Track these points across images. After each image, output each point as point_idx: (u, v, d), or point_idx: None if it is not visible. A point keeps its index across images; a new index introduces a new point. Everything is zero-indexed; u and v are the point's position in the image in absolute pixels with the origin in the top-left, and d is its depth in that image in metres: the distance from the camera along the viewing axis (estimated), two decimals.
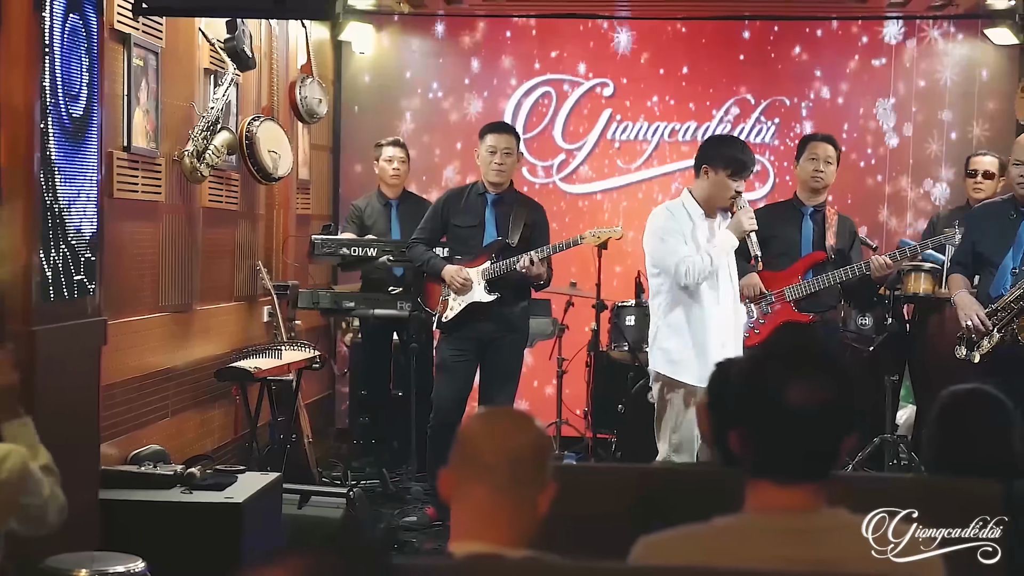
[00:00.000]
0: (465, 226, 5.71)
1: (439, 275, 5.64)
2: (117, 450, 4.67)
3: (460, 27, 7.91)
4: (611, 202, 7.93)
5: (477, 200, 5.74)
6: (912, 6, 7.36)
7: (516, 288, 5.69)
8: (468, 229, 5.71)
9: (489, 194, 5.72)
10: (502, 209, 5.71)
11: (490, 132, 5.71)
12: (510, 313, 5.70)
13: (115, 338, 4.62)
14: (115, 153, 4.63)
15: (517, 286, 5.69)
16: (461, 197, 5.79)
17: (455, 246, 5.75)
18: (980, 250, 4.94)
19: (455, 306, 5.64)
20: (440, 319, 5.67)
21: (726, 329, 4.81)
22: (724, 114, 7.83)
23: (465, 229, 5.71)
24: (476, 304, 5.62)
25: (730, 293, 4.89)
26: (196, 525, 4.15)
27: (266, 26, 6.36)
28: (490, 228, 5.71)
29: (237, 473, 4.55)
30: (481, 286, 5.61)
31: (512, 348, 5.75)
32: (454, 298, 5.64)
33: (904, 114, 7.68)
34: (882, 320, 6.26)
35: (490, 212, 5.73)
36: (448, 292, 5.65)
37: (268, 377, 5.75)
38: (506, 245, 5.63)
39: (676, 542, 2.04)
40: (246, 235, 6.29)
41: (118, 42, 4.63)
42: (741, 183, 4.74)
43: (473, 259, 5.67)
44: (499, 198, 5.72)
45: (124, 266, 4.77)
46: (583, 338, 6.92)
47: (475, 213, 5.71)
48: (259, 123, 6.10)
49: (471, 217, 5.71)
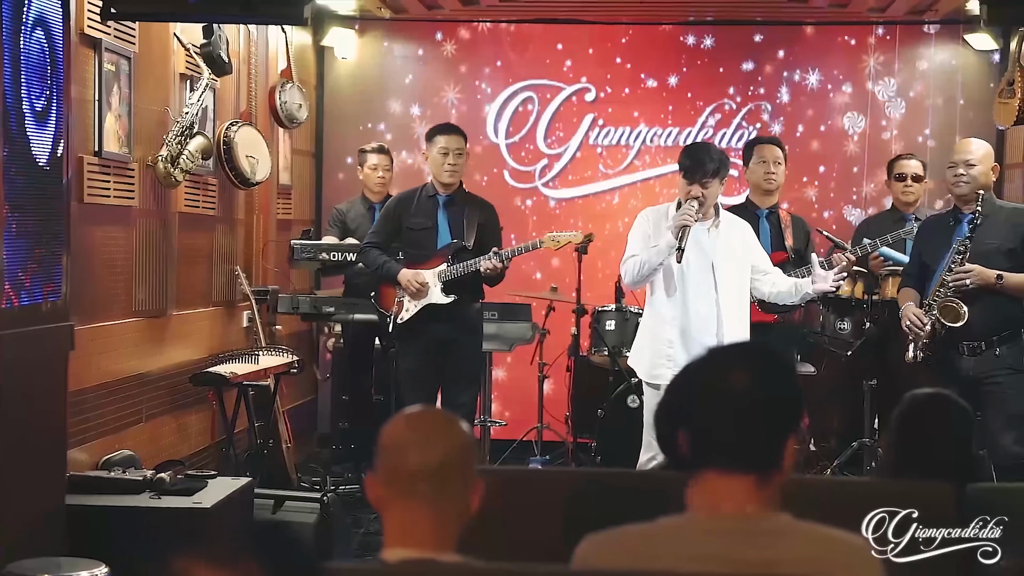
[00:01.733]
0: (418, 228, 5.72)
1: (395, 279, 5.64)
2: (88, 455, 4.67)
3: (441, 32, 7.92)
4: (593, 207, 7.93)
5: (428, 202, 5.75)
6: (892, 11, 7.36)
7: (471, 289, 5.71)
8: (422, 231, 5.71)
9: (440, 195, 5.73)
10: (454, 210, 5.73)
11: (440, 133, 5.71)
12: (466, 314, 5.71)
13: (86, 343, 4.63)
14: (85, 158, 4.62)
15: (471, 287, 5.71)
16: (412, 199, 5.79)
17: (409, 248, 5.75)
18: (925, 260, 5.03)
19: (411, 308, 5.64)
20: (395, 321, 5.66)
21: (690, 329, 4.81)
22: (706, 119, 7.84)
23: (419, 231, 5.72)
24: (432, 306, 5.63)
25: (705, 294, 4.86)
26: (164, 530, 4.13)
27: (244, 31, 6.36)
28: (443, 229, 5.71)
29: (208, 478, 4.53)
30: (437, 288, 5.62)
31: (471, 350, 5.75)
32: (409, 300, 5.64)
33: (885, 118, 7.69)
34: (861, 325, 6.26)
35: (442, 213, 5.73)
36: (403, 293, 5.66)
37: (244, 382, 5.74)
38: (462, 247, 5.64)
39: (621, 540, 2.05)
40: (224, 240, 6.28)
41: (88, 47, 4.62)
42: (695, 186, 4.73)
43: (428, 261, 5.66)
44: (450, 199, 5.73)
45: (95, 271, 4.77)
46: (565, 343, 6.92)
47: (428, 215, 5.72)
48: (237, 128, 6.10)
49: (424, 219, 5.71)
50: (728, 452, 2.00)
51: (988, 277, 4.74)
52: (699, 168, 4.74)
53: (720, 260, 4.87)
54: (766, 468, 2.00)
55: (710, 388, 2.02)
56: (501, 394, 7.75)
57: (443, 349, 5.69)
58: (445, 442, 1.94)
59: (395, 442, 1.94)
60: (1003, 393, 4.80)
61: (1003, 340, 4.81)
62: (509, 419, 7.55)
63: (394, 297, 5.69)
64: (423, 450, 1.92)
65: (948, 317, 4.73)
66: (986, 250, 4.82)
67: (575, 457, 6.77)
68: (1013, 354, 4.85)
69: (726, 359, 2.08)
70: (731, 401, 1.99)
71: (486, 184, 7.90)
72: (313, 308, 6.64)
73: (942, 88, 7.65)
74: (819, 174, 7.79)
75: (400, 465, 1.92)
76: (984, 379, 4.80)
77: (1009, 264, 4.82)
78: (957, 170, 4.88)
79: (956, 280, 4.74)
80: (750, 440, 1.99)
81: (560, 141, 7.93)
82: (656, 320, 4.91)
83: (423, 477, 1.90)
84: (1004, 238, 4.84)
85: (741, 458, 2.00)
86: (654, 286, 4.92)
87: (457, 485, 1.93)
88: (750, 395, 1.98)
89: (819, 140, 7.80)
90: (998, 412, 4.78)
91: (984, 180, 4.90)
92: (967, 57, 7.62)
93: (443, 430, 1.96)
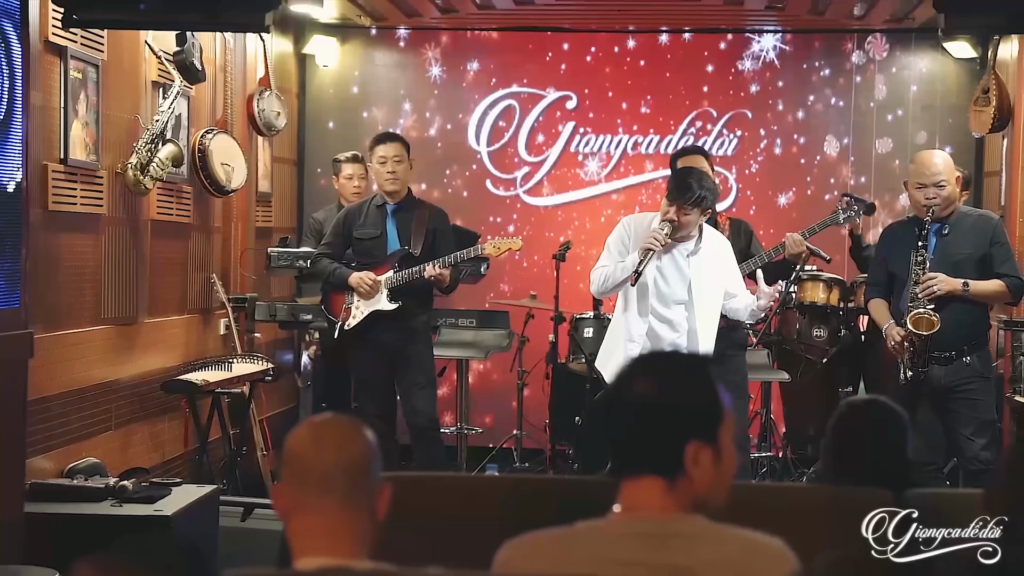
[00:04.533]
0: (367, 238, 5.73)
1: (345, 283, 5.64)
2: (53, 463, 4.66)
3: (423, 41, 7.93)
4: (574, 215, 7.93)
5: (377, 211, 5.76)
6: (870, 19, 7.36)
7: (418, 297, 5.71)
8: (371, 240, 5.72)
9: (389, 204, 5.74)
10: (403, 217, 5.73)
11: (378, 143, 5.75)
12: (413, 323, 5.71)
13: (51, 351, 4.63)
14: (50, 165, 4.62)
15: (419, 296, 5.71)
16: (361, 210, 5.81)
17: (359, 257, 5.75)
18: (891, 268, 5.04)
19: (358, 314, 5.65)
20: (342, 327, 5.67)
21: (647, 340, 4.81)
22: (687, 127, 7.84)
23: (367, 241, 5.73)
24: (378, 312, 5.63)
25: (677, 321, 4.83)
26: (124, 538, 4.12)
27: (220, 39, 6.37)
28: (392, 237, 5.71)
29: (172, 486, 4.53)
30: (384, 295, 5.63)
31: (421, 356, 5.75)
32: (356, 306, 5.65)
33: (864, 125, 7.69)
34: (836, 332, 6.26)
35: (391, 222, 5.74)
36: (351, 300, 5.66)
37: (217, 390, 5.74)
38: (408, 254, 5.65)
39: (540, 544, 2.08)
40: (200, 248, 6.29)
41: (54, 54, 4.62)
42: (672, 209, 4.69)
43: (376, 268, 5.67)
44: (399, 207, 5.74)
45: (60, 278, 4.76)
46: (544, 350, 6.92)
47: (376, 224, 5.73)
48: (212, 136, 6.11)
49: (372, 228, 5.73)
50: (632, 457, 2.04)
51: (954, 285, 4.77)
52: (681, 194, 4.69)
53: (699, 279, 4.84)
54: (671, 473, 2.01)
55: (617, 396, 2.07)
56: (481, 401, 7.74)
57: (392, 358, 5.70)
58: (351, 445, 1.94)
59: (298, 450, 1.94)
60: (973, 400, 4.86)
61: (972, 348, 4.86)
62: (489, 426, 7.54)
63: (342, 304, 5.70)
64: (329, 452, 1.92)
65: (923, 327, 4.73)
66: (956, 260, 4.84)
67: (553, 464, 6.77)
68: (982, 361, 4.92)
69: (635, 368, 2.12)
70: (631, 407, 2.03)
71: (467, 192, 7.91)
72: (290, 316, 6.65)
73: (922, 96, 7.64)
74: (798, 182, 7.78)
75: (307, 467, 1.92)
76: (955, 387, 4.84)
77: (978, 273, 4.84)
78: (927, 192, 4.84)
79: (925, 290, 4.75)
80: (649, 445, 2.02)
81: (541, 149, 7.93)
82: (625, 335, 4.88)
83: (327, 482, 1.90)
84: (975, 246, 4.87)
85: (645, 463, 2.03)
86: (627, 300, 4.88)
87: (362, 491, 1.92)
88: (650, 401, 2.02)
89: (799, 147, 7.80)
90: (968, 419, 4.84)
91: (953, 195, 4.92)
92: (947, 65, 7.62)
93: (345, 436, 1.96)
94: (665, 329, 4.83)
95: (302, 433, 1.96)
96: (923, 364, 4.78)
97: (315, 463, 1.91)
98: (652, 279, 4.79)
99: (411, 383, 5.72)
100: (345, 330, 5.67)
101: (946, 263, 4.82)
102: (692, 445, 1.98)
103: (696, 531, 2.02)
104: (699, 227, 4.85)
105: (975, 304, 4.86)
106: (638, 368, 2.08)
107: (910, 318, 4.74)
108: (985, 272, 4.85)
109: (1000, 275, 4.84)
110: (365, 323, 5.65)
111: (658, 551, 2.00)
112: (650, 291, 4.79)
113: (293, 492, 1.92)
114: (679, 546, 2.00)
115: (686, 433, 1.98)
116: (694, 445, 1.98)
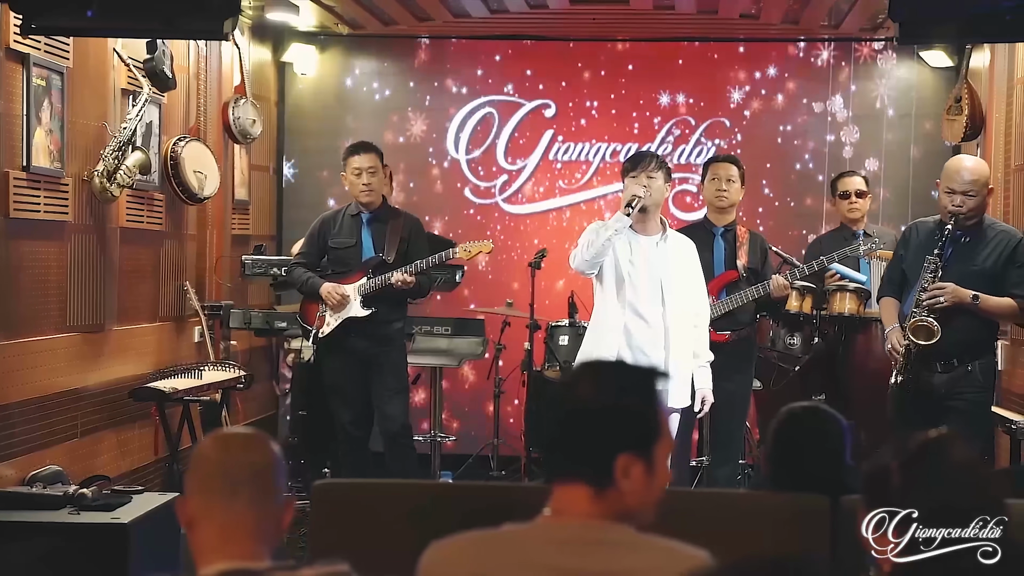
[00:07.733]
0: (342, 247, 5.76)
1: (317, 293, 5.65)
2: (14, 471, 4.65)
3: (402, 48, 7.94)
4: (552, 222, 7.93)
5: (352, 221, 5.79)
6: (845, 27, 7.37)
7: (392, 304, 5.73)
8: (345, 249, 5.76)
9: (364, 213, 5.76)
10: (377, 226, 5.76)
11: (352, 154, 5.75)
12: (387, 330, 5.74)
13: (12, 358, 4.63)
14: (11, 172, 4.62)
15: (393, 302, 5.73)
16: (335, 219, 5.83)
17: (334, 266, 5.78)
18: (906, 268, 4.94)
19: (332, 322, 5.67)
20: (316, 335, 5.67)
21: (634, 339, 4.80)
22: (665, 135, 7.84)
23: (342, 250, 5.76)
24: (352, 319, 5.65)
25: (652, 308, 4.84)
26: (81, 546, 4.10)
27: (194, 47, 6.38)
28: (367, 246, 5.75)
29: (133, 493, 4.50)
30: (357, 302, 5.64)
31: (394, 363, 5.77)
32: (331, 314, 5.67)
33: (840, 133, 7.69)
34: (810, 340, 6.24)
35: (366, 230, 5.77)
36: (325, 308, 5.68)
37: (186, 398, 5.73)
38: (382, 261, 5.67)
39: (464, 546, 2.07)
40: (173, 255, 6.28)
41: (16, 62, 4.63)
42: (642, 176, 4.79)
43: (351, 276, 5.69)
44: (373, 216, 5.77)
45: (23, 286, 4.76)
46: (520, 357, 6.91)
47: (351, 233, 5.76)
48: (185, 143, 6.11)
49: (347, 237, 5.76)
50: (564, 461, 2.03)
51: (963, 296, 4.65)
52: (641, 159, 4.85)
53: (668, 274, 4.87)
54: (599, 482, 2.00)
55: (553, 400, 2.06)
56: (457, 409, 7.74)
57: (366, 365, 5.73)
58: (255, 453, 1.97)
59: (208, 456, 1.97)
60: (967, 411, 4.75)
61: (976, 357, 4.76)
62: (465, 434, 7.53)
63: (316, 312, 5.71)
64: (235, 460, 1.94)
65: (920, 336, 4.68)
66: (970, 271, 4.73)
67: (528, 471, 6.76)
68: (983, 371, 4.81)
69: (580, 372, 2.11)
70: (568, 411, 2.02)
71: (447, 200, 7.91)
72: (265, 323, 6.65)
73: (897, 103, 7.65)
74: (775, 189, 7.78)
75: (213, 476, 1.93)
76: (951, 395, 4.76)
77: (991, 287, 4.72)
78: (955, 199, 4.69)
79: (930, 299, 4.69)
80: (581, 451, 2.00)
81: (520, 156, 7.93)
82: (602, 328, 4.88)
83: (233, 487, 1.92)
84: (992, 260, 4.74)
85: (573, 469, 2.01)
86: (604, 291, 4.88)
87: (268, 497, 1.94)
88: (587, 407, 2.00)
89: (776, 155, 7.79)
90: (959, 428, 4.72)
91: (982, 206, 4.79)
92: (923, 73, 7.63)
93: (252, 444, 1.99)
94: (641, 326, 4.82)
95: (209, 443, 2.00)
96: (913, 372, 4.72)
97: (222, 468, 1.93)
98: (626, 272, 4.82)
99: (384, 389, 5.74)
100: (320, 338, 5.67)
101: (959, 273, 4.71)
102: (624, 457, 1.96)
103: (619, 540, 2.01)
104: (663, 223, 4.91)
105: (982, 318, 4.75)
106: (583, 372, 2.07)
107: (909, 325, 4.67)
108: (997, 287, 4.72)
109: (1014, 295, 4.70)
110: (339, 330, 5.67)
111: (580, 557, 1.99)
112: (625, 279, 4.82)
113: (198, 500, 1.94)
114: (601, 554, 1.99)
115: (619, 444, 1.97)
116: (626, 457, 1.96)
